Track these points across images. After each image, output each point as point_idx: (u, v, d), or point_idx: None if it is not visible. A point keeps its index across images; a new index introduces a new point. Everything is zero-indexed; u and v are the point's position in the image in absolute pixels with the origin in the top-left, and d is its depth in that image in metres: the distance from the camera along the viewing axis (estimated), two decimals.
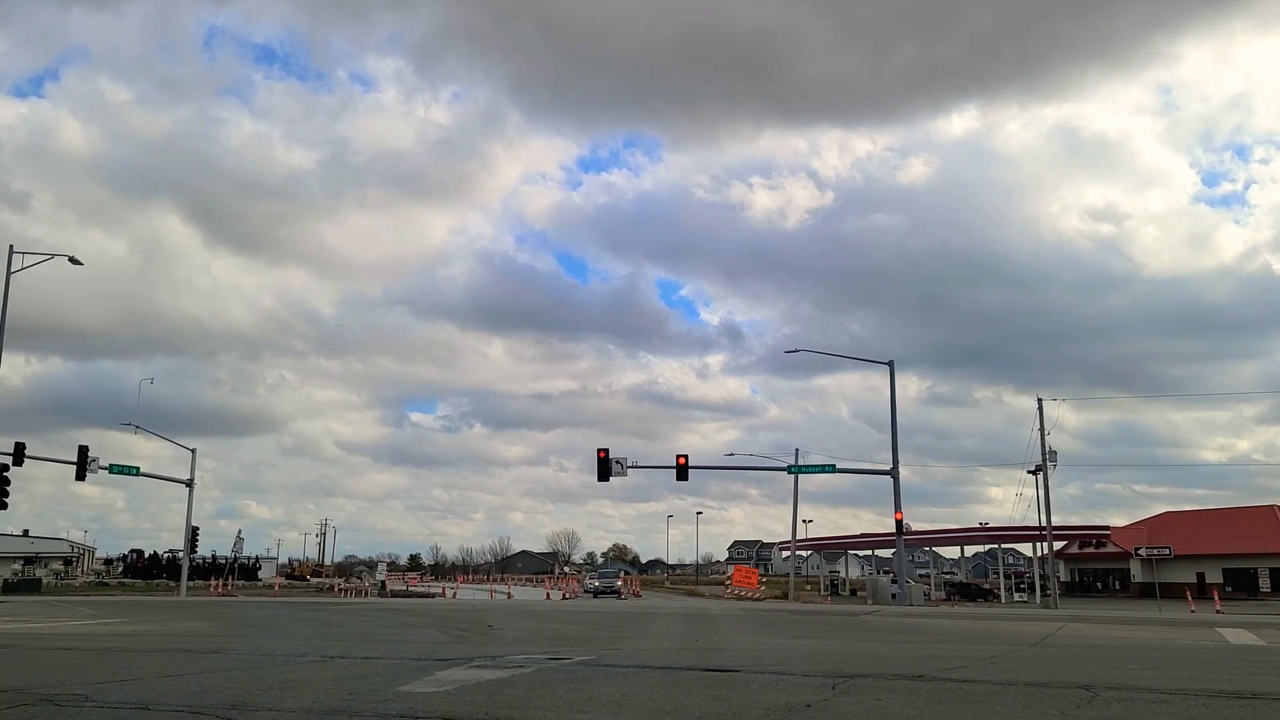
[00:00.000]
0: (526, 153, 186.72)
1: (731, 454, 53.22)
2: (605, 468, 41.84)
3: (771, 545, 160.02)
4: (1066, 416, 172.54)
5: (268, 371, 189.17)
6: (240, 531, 54.70)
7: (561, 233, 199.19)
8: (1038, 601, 67.04)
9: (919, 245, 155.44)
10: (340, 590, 65.81)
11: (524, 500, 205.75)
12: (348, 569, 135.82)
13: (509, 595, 44.52)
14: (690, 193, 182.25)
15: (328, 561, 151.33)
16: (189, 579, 76.06)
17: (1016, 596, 70.28)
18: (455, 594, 63.09)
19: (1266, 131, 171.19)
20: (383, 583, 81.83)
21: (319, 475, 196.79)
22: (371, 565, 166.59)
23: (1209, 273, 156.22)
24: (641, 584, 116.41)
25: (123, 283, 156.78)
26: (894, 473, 40.39)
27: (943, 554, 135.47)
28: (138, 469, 47.54)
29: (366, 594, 66.96)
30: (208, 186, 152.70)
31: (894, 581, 43.77)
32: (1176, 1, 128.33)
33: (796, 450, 46.54)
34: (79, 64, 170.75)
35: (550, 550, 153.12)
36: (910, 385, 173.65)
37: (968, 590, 71.04)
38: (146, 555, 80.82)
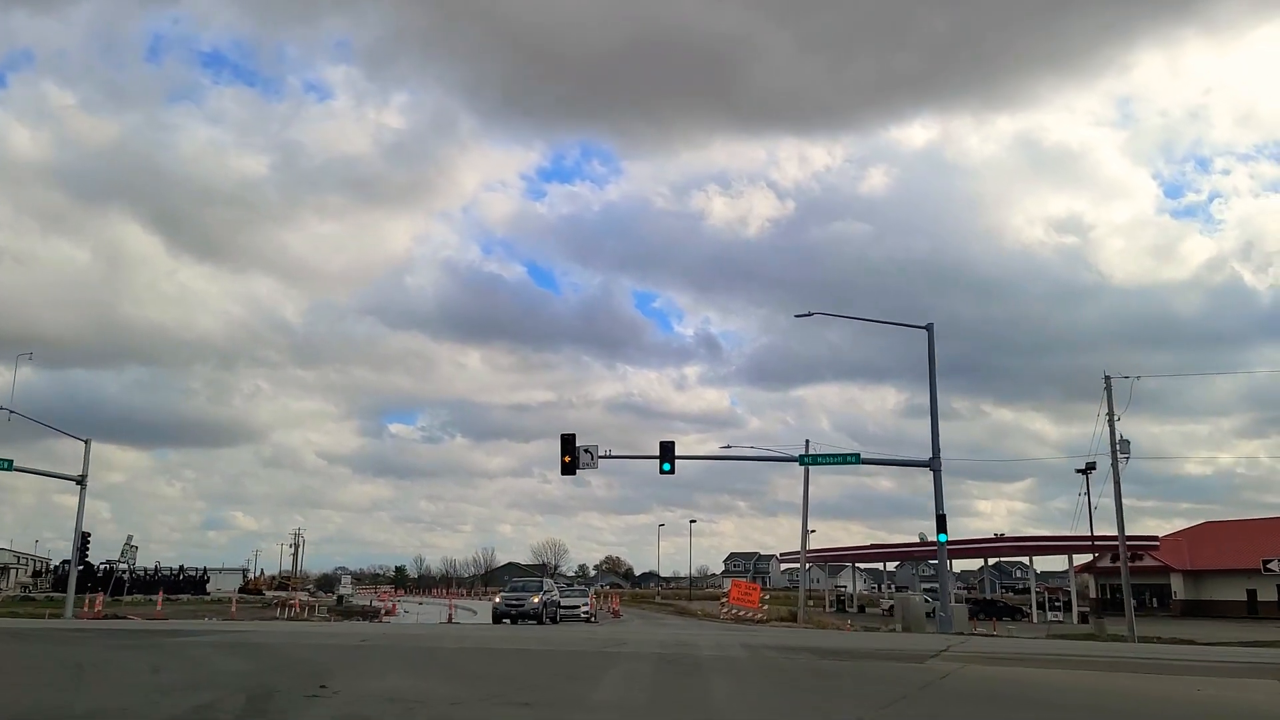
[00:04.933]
0: (484, 160, 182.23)
1: (728, 445, 44.00)
2: (571, 457, 32.81)
3: (769, 557, 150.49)
4: (1048, 430, 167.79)
5: (242, 381, 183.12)
6: (131, 538, 45.90)
7: (527, 242, 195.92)
8: (1074, 621, 58.06)
9: (884, 256, 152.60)
10: (286, 605, 56.67)
11: (511, 512, 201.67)
12: (334, 580, 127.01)
13: (449, 618, 35.56)
14: (651, 202, 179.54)
15: (309, 572, 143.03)
16: (123, 594, 66.91)
17: (1050, 616, 61.12)
18: (394, 611, 53.94)
19: (1225, 143, 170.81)
20: (340, 597, 72.63)
21: (302, 486, 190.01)
22: (360, 578, 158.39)
23: (1178, 284, 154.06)
24: (631, 599, 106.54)
25: (89, 291, 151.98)
26: (934, 464, 31.35)
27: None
28: (10, 462, 38.71)
29: (315, 610, 57.76)
30: (164, 193, 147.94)
31: (930, 600, 34.85)
32: (1127, 10, 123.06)
33: (807, 441, 37.47)
34: (24, 69, 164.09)
35: (538, 562, 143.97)
36: (889, 397, 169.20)
37: (994, 608, 61.80)
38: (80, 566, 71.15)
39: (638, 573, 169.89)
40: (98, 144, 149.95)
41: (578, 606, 40.29)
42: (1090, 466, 44.77)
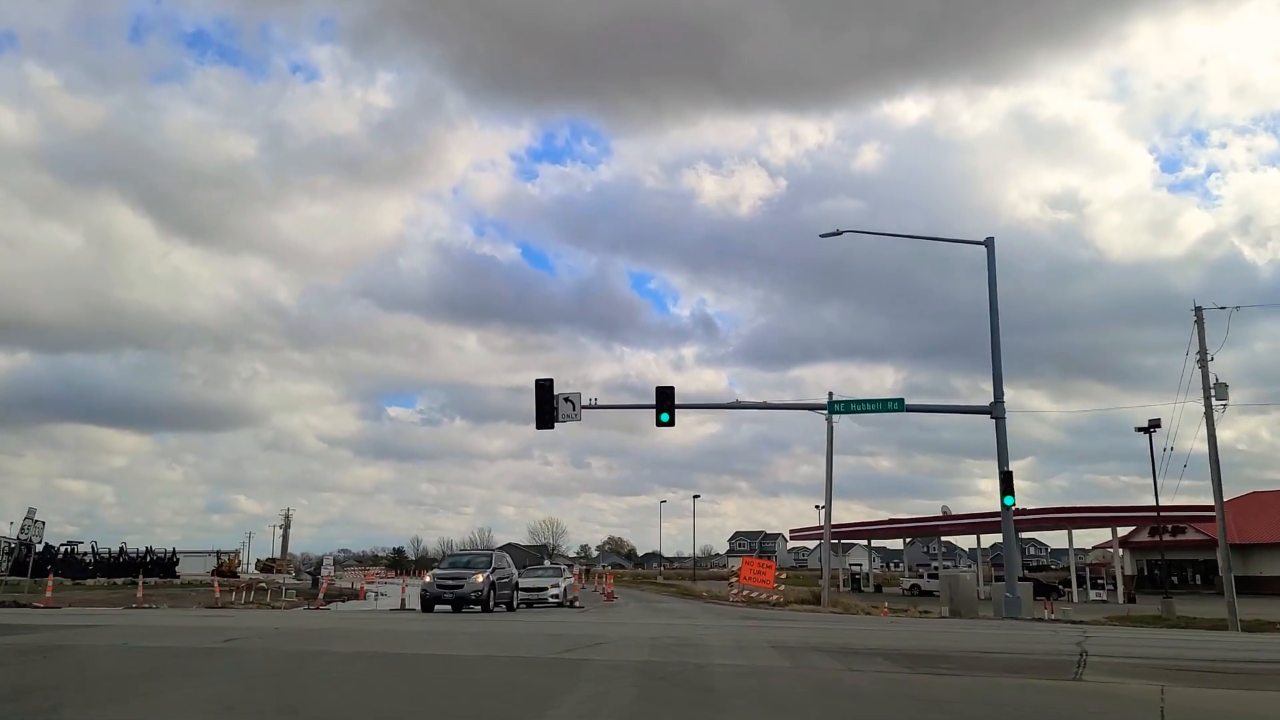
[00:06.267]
0: (473, 140, 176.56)
1: (737, 400, 37.74)
2: (548, 408, 26.45)
3: (775, 536, 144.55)
4: (1047, 407, 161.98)
5: (239, 364, 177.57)
6: (33, 512, 39.16)
7: (520, 223, 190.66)
8: (1119, 600, 51.92)
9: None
10: (243, 589, 50.34)
11: (513, 494, 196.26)
12: (335, 563, 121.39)
13: (402, 603, 29.29)
14: (642, 182, 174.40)
15: (310, 554, 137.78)
16: (85, 578, 60.91)
17: (1093, 594, 54.92)
18: (362, 594, 48.00)
19: (1222, 116, 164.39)
20: (314, 579, 66.40)
21: (303, 469, 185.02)
22: (361, 560, 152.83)
23: (1176, 259, 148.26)
24: (631, 579, 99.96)
25: (83, 274, 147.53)
26: (997, 410, 24.96)
27: (957, 544, 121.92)
28: None
29: (281, 593, 51.48)
30: (152, 175, 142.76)
31: (986, 580, 28.53)
32: None
33: (830, 393, 31.13)
34: (7, 50, 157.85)
35: (536, 542, 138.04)
36: (886, 376, 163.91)
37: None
38: (39, 548, 64.99)
39: (640, 553, 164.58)
40: (83, 126, 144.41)
41: (544, 589, 31.98)
42: (1153, 425, 38.38)
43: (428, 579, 25.84)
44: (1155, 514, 39.49)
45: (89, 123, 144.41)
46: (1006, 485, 24.17)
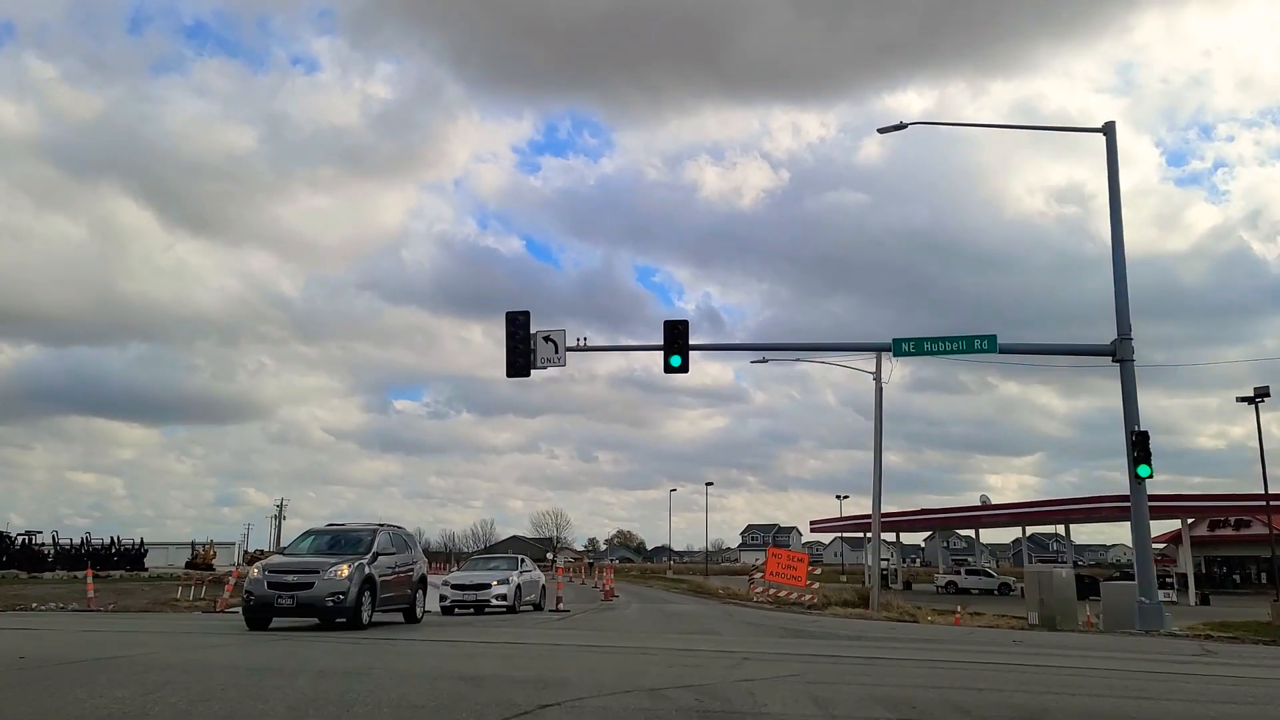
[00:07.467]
0: (474, 131, 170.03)
1: (761, 358, 30.37)
2: (521, 347, 19.80)
3: (790, 529, 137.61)
4: (1055, 403, 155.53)
5: (246, 357, 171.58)
6: None
7: (523, 216, 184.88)
8: (1190, 601, 45.06)
9: (882, 227, 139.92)
10: (204, 583, 43.64)
11: (521, 487, 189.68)
12: None
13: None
14: (644, 174, 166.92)
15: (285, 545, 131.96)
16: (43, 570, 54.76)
17: (1161, 595, 47.99)
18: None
19: (1229, 109, 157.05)
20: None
21: (310, 462, 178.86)
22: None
23: (1183, 254, 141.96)
24: (639, 574, 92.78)
25: (88, 267, 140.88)
26: (1124, 350, 18.19)
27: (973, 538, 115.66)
28: None
29: (218, 585, 44.71)
30: (153, 167, 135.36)
31: (1102, 574, 21.40)
32: None
33: (886, 343, 24.31)
34: (7, 42, 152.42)
35: (543, 535, 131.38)
36: (894, 371, 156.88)
37: (1081, 585, 48.56)
38: None
39: (650, 547, 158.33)
40: (84, 118, 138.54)
41: (486, 586, 21.67)
42: (1261, 394, 31.58)
43: (255, 573, 14.96)
44: (1264, 502, 32.68)
45: (89, 114, 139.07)
46: (1141, 450, 17.35)
